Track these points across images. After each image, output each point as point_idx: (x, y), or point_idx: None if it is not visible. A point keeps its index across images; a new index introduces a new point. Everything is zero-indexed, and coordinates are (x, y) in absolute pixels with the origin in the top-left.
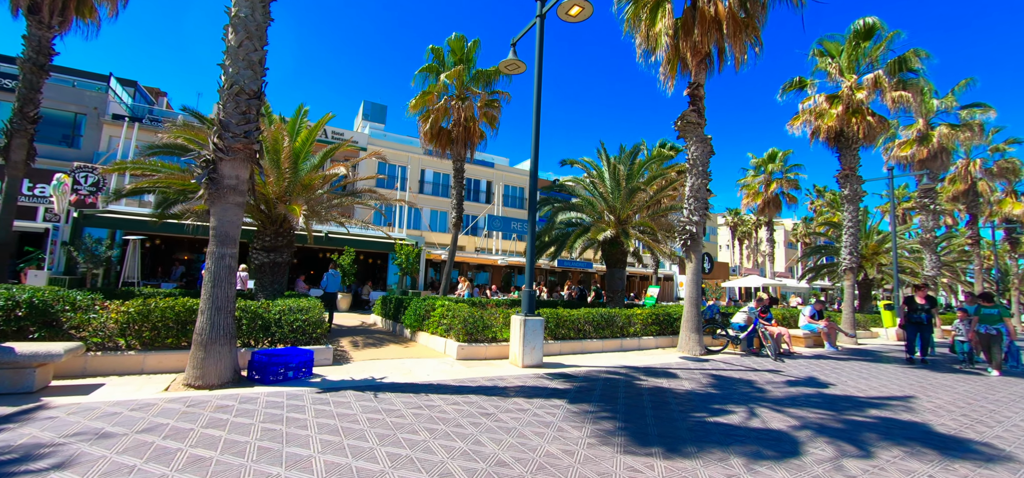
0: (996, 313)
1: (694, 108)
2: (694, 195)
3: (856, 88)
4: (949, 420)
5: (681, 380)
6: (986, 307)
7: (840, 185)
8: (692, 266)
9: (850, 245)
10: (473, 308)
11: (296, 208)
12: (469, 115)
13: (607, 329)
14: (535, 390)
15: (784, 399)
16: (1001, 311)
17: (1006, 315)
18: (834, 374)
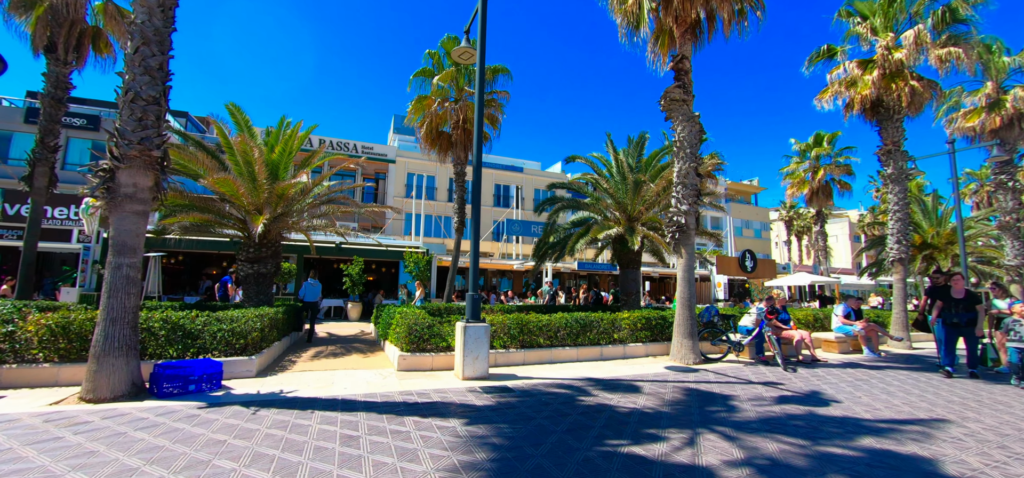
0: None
1: (679, 83)
2: (682, 181)
3: (893, 48)
4: (974, 457)
5: (640, 396)
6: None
7: (882, 163)
8: (684, 262)
9: (898, 233)
10: (427, 315)
11: (257, 219)
12: (467, 117)
13: (584, 336)
14: (443, 408)
15: (753, 422)
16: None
17: None
18: (849, 389)
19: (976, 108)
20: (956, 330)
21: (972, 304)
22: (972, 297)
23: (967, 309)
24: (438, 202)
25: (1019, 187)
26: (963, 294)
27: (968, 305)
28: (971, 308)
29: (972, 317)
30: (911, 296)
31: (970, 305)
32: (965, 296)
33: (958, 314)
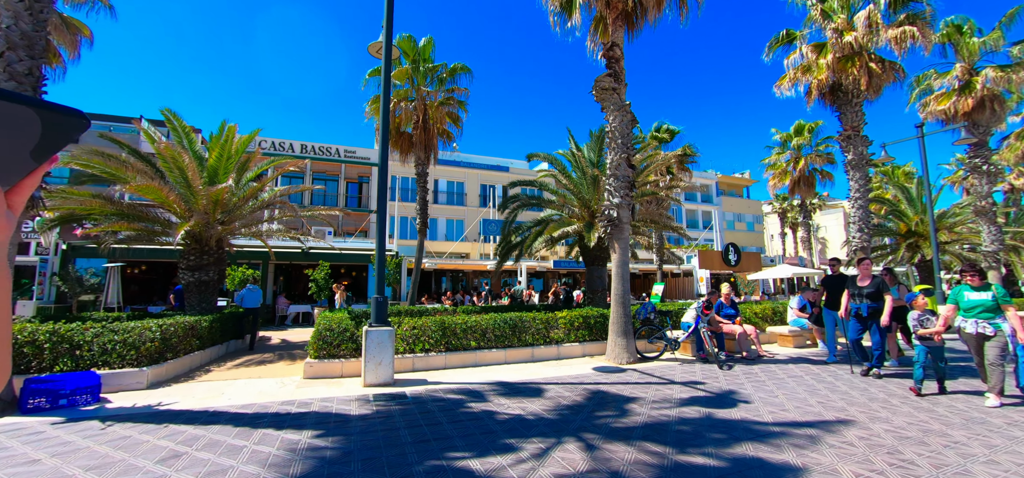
0: (990, 300)
1: (610, 72)
2: (613, 173)
3: (845, 29)
4: (851, 465)
5: (537, 401)
6: (972, 289)
7: (843, 149)
8: (617, 257)
9: (860, 220)
10: (348, 319)
11: (182, 225)
12: (431, 116)
13: (514, 336)
14: (314, 418)
15: (635, 428)
16: (1000, 297)
17: (1005, 301)
18: (772, 387)
19: (948, 91)
20: (861, 322)
21: (879, 293)
22: (879, 285)
23: (872, 298)
24: None
25: (994, 171)
26: (869, 282)
27: (874, 295)
28: (878, 297)
29: (877, 308)
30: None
31: (877, 294)
32: (871, 284)
33: (862, 304)
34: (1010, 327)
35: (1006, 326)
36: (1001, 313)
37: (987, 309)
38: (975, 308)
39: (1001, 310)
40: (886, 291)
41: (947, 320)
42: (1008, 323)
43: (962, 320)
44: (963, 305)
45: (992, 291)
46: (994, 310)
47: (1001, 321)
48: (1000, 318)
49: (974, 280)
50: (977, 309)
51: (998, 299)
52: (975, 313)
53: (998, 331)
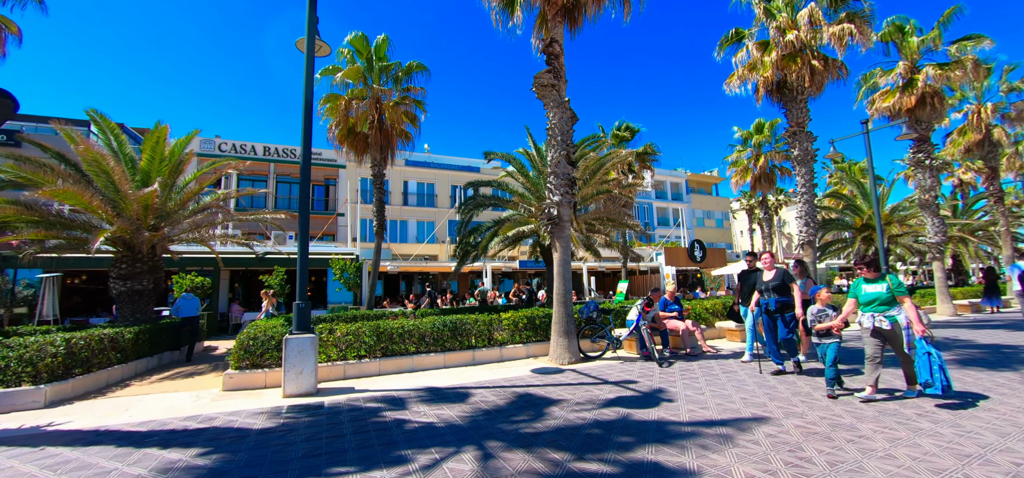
0: (885, 293)
1: (550, 68)
2: (553, 171)
3: (788, 27)
4: (748, 466)
5: (458, 406)
6: (867, 282)
7: (789, 145)
8: (558, 256)
9: (806, 215)
10: (279, 327)
11: (103, 233)
12: (388, 116)
13: (454, 340)
14: (210, 435)
15: (543, 433)
16: (894, 288)
17: (900, 292)
18: (702, 385)
19: (892, 88)
20: (769, 317)
21: (785, 286)
22: (786, 278)
23: (779, 292)
24: (392, 206)
25: (936, 165)
26: (774, 275)
27: (780, 288)
28: (784, 291)
29: (785, 302)
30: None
31: (783, 288)
32: (775, 277)
33: (769, 298)
34: (905, 319)
35: (902, 318)
36: (897, 305)
37: (883, 302)
38: (872, 302)
39: (896, 302)
40: (791, 283)
41: (846, 315)
42: (904, 315)
43: (860, 315)
44: (861, 299)
45: (886, 283)
46: (890, 302)
47: (897, 313)
48: (896, 310)
49: (868, 273)
50: (874, 303)
51: (893, 291)
52: (872, 307)
53: (894, 324)
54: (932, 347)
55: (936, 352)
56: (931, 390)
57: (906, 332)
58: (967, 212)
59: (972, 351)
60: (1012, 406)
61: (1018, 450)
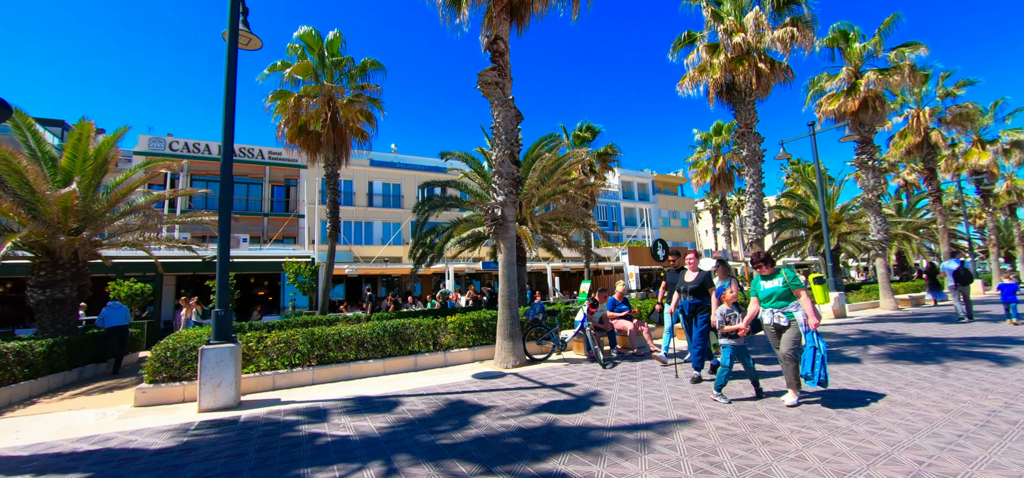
0: (781, 287)
1: (494, 66)
2: (497, 170)
3: (735, 30)
4: (656, 473)
5: (381, 417)
6: (763, 278)
7: (738, 145)
8: (503, 257)
9: (754, 214)
10: (202, 337)
11: (11, 237)
12: (343, 115)
13: (395, 345)
14: (94, 458)
15: (460, 443)
16: (789, 282)
17: (795, 285)
18: (640, 386)
19: (837, 93)
20: (685, 320)
21: (704, 289)
22: (706, 281)
23: (696, 294)
24: (357, 207)
25: (879, 166)
26: (695, 276)
27: (697, 291)
28: (702, 293)
29: (699, 303)
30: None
31: (701, 290)
32: (696, 279)
33: (685, 301)
34: (802, 314)
35: (799, 314)
36: (795, 300)
37: (780, 297)
38: (770, 298)
39: (794, 296)
40: (710, 287)
41: (752, 316)
42: (800, 311)
43: (761, 311)
44: (761, 296)
45: (782, 277)
46: (787, 297)
47: (794, 309)
48: (793, 306)
49: (764, 269)
50: (771, 298)
51: (789, 285)
52: (771, 303)
53: (792, 321)
54: (820, 341)
55: (822, 346)
56: (809, 382)
57: (803, 328)
58: (911, 211)
59: (903, 344)
60: (928, 400)
61: (924, 447)
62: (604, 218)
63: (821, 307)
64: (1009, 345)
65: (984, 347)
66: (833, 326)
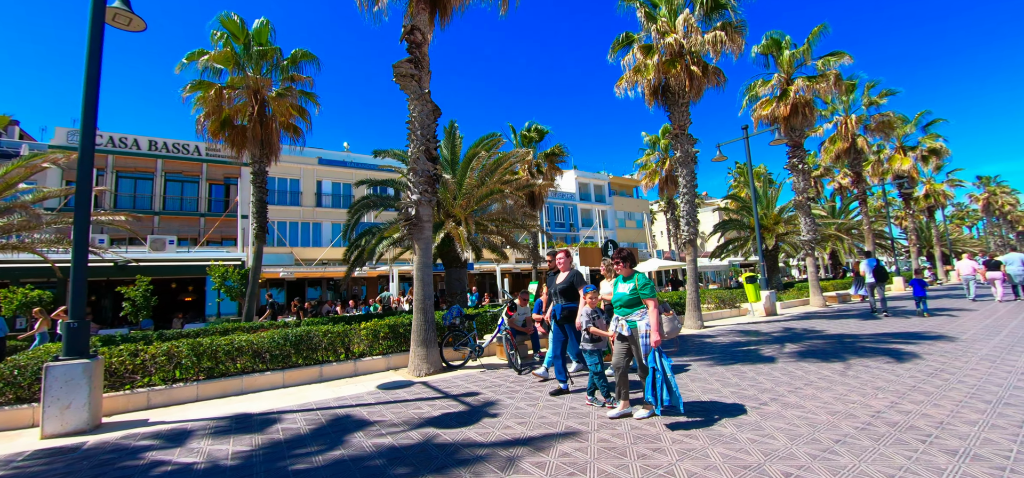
0: (627, 293)
1: (411, 57)
2: (413, 167)
3: (667, 31)
4: None
5: (249, 437)
6: (623, 280)
7: (673, 147)
8: (418, 259)
9: (688, 215)
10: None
11: None
12: (274, 109)
13: (299, 355)
14: None
15: (320, 468)
16: (638, 288)
17: (644, 293)
18: (541, 394)
19: (770, 98)
20: (557, 325)
21: (574, 290)
22: (573, 280)
23: (566, 296)
24: (304, 207)
25: (808, 169)
26: (565, 276)
27: (567, 292)
28: (572, 295)
29: (571, 308)
30: None
31: (570, 291)
32: (565, 280)
33: (556, 304)
34: (644, 326)
35: (642, 325)
36: (641, 308)
37: (625, 303)
38: (618, 303)
39: (641, 304)
40: (581, 287)
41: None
42: (643, 321)
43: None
44: (613, 299)
45: (633, 282)
46: (633, 304)
47: (638, 318)
48: (639, 315)
49: (623, 269)
50: (619, 304)
51: (637, 292)
52: (618, 309)
53: (632, 330)
54: (664, 361)
55: (666, 365)
56: (655, 409)
57: (644, 341)
58: (844, 212)
59: (818, 342)
60: (820, 402)
61: (798, 456)
62: (561, 219)
63: (753, 305)
64: (912, 340)
65: (890, 343)
66: (762, 324)
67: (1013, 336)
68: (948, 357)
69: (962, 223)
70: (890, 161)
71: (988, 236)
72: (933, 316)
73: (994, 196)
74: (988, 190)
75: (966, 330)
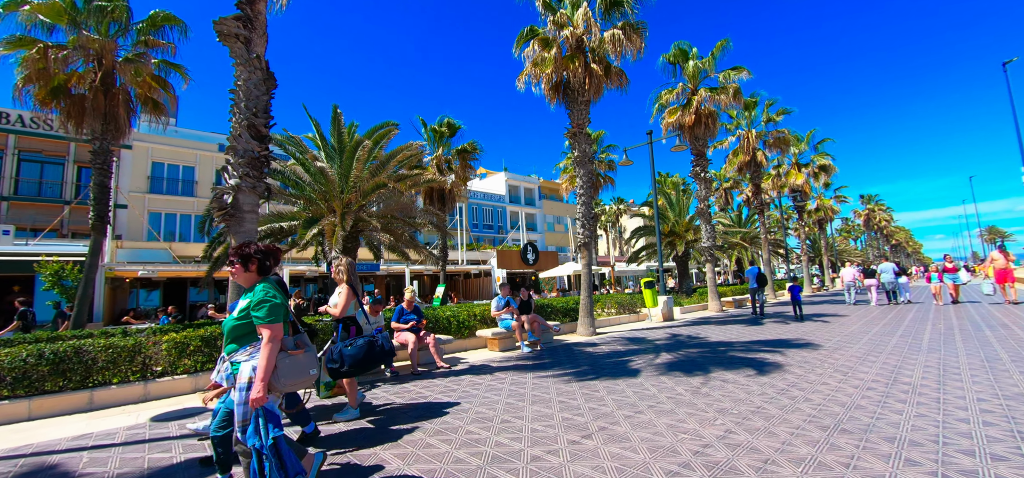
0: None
1: (240, 14)
2: (233, 145)
3: (564, 23)
4: None
5: None
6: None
7: (571, 146)
8: None
9: (583, 215)
10: None
11: None
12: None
13: (59, 377)
14: None
15: None
16: (251, 307)
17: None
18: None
19: (676, 106)
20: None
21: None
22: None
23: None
24: (200, 198)
25: (709, 179)
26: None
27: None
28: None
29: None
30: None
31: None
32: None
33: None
34: (247, 373)
35: (246, 368)
36: (253, 343)
37: (233, 331)
38: (226, 328)
39: (256, 336)
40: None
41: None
42: (248, 363)
43: None
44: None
45: (249, 298)
46: (244, 336)
47: (246, 358)
48: (247, 353)
49: (241, 275)
50: (227, 330)
51: (250, 311)
52: (226, 341)
53: (234, 378)
54: (269, 434)
55: (270, 438)
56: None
57: (241, 394)
58: (750, 222)
59: (693, 350)
60: (654, 430)
61: None
62: (490, 221)
63: (652, 310)
64: (779, 349)
65: (758, 351)
66: (654, 330)
67: (871, 343)
68: (806, 368)
69: (848, 235)
70: (787, 176)
71: (868, 247)
72: (807, 321)
73: (873, 213)
74: (869, 207)
75: (832, 337)
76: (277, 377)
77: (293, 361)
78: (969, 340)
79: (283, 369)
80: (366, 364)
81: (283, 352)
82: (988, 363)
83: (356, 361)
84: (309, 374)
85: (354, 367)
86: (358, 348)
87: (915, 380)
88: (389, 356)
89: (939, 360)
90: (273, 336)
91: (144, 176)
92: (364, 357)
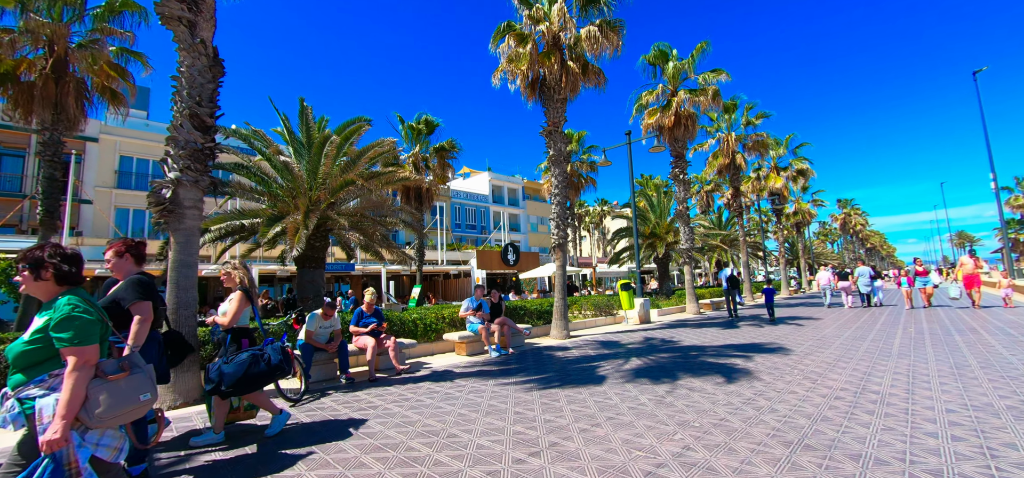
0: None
1: None
2: (173, 136)
3: (540, 18)
4: None
5: None
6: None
7: (546, 145)
8: (174, 255)
9: (557, 216)
10: None
11: None
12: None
13: None
14: None
15: None
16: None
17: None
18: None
19: (656, 108)
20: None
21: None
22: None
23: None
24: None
25: (688, 181)
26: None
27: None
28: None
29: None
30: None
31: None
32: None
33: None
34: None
35: (46, 404)
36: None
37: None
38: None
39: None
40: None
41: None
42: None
43: None
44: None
45: (48, 315)
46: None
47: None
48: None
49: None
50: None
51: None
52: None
53: (30, 418)
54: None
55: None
56: None
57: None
58: (730, 224)
59: (664, 355)
60: (607, 446)
61: None
62: (473, 221)
63: (629, 312)
64: (751, 354)
65: (729, 356)
66: (629, 333)
67: (842, 348)
68: (775, 375)
69: (825, 239)
70: (766, 179)
71: (844, 251)
72: (780, 324)
73: (849, 217)
74: (845, 211)
75: (804, 341)
76: (91, 411)
77: (114, 388)
78: (939, 345)
79: (102, 401)
80: (249, 383)
81: (98, 379)
82: (957, 370)
83: (235, 379)
84: (138, 401)
85: (235, 386)
86: (237, 364)
87: (884, 389)
88: (279, 372)
89: (909, 367)
90: (81, 363)
91: (111, 171)
92: (244, 375)
